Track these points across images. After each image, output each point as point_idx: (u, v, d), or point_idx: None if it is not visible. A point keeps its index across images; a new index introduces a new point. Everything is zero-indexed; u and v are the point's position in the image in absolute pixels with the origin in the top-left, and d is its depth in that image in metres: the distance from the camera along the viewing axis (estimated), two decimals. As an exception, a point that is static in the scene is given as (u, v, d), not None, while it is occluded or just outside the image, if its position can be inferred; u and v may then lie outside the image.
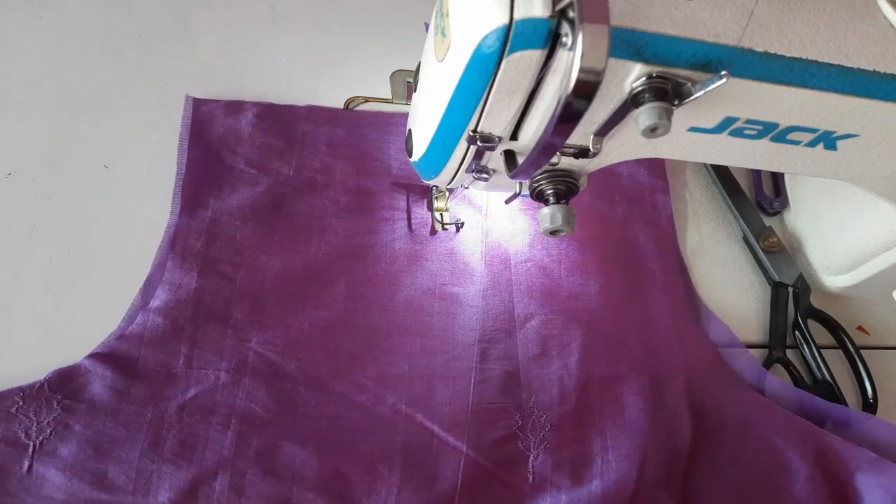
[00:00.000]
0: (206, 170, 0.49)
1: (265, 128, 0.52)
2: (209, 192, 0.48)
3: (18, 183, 0.48)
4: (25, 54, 0.53)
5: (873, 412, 0.51)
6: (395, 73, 0.57)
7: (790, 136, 0.36)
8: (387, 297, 0.48)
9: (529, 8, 0.28)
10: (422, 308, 0.48)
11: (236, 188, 0.49)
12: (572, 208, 0.39)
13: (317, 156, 0.52)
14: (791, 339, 0.54)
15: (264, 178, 0.50)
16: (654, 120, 0.30)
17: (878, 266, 0.50)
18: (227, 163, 0.50)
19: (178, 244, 0.46)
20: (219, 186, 0.49)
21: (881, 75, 0.33)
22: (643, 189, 0.56)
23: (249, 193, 0.49)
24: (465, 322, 0.47)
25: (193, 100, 0.52)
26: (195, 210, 0.48)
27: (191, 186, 0.48)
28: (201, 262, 0.46)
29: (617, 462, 0.43)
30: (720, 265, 0.56)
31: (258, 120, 0.52)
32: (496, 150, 0.37)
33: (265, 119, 0.52)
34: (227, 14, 0.58)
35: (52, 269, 0.46)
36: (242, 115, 0.52)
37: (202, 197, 0.48)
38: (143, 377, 0.42)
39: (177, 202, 0.48)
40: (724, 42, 0.30)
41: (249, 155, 0.50)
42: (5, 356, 0.43)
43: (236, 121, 0.51)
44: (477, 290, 0.49)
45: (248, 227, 0.48)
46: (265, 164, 0.50)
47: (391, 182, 0.52)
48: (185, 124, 0.51)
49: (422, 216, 0.52)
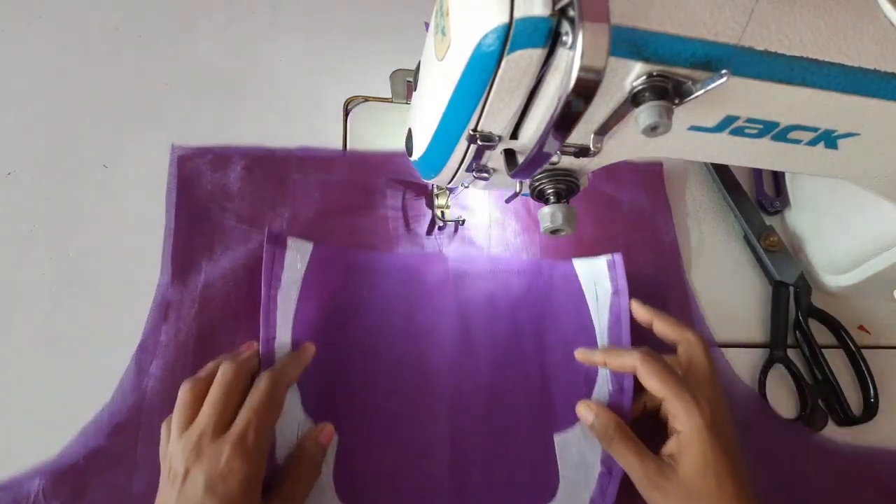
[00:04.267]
0: (196, 230, 0.48)
1: (255, 180, 0.50)
2: (200, 253, 0.47)
3: (18, 183, 0.48)
4: (25, 54, 0.53)
5: (874, 412, 0.51)
6: (395, 72, 0.57)
7: (791, 134, 0.36)
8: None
9: (529, 7, 0.28)
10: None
11: (228, 247, 0.47)
12: (573, 207, 0.39)
13: (310, 204, 0.50)
14: (792, 338, 0.54)
15: (256, 234, 0.48)
16: (654, 119, 0.30)
17: (879, 265, 0.50)
18: (218, 220, 0.48)
19: (172, 314, 0.44)
20: (210, 247, 0.47)
21: (881, 74, 0.33)
22: (644, 214, 0.56)
23: (243, 251, 0.47)
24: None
25: (179, 157, 0.50)
26: (187, 276, 0.46)
27: (180, 249, 0.47)
28: (196, 333, 0.44)
29: None
30: (721, 264, 0.56)
31: (247, 172, 0.50)
32: (496, 149, 0.37)
33: (254, 170, 0.50)
34: (227, 14, 0.58)
35: (52, 269, 0.46)
36: (230, 169, 0.50)
37: (193, 260, 0.46)
38: (144, 467, 0.40)
39: (167, 265, 0.46)
40: (725, 41, 0.30)
41: (240, 210, 0.49)
42: (5, 356, 0.43)
43: (224, 175, 0.50)
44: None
45: (242, 290, 0.46)
46: (257, 217, 0.49)
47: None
48: (171, 181, 0.49)
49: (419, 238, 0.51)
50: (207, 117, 0.53)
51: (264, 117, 0.54)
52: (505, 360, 0.47)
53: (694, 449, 0.38)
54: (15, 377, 0.42)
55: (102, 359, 0.43)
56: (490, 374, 0.46)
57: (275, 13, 0.59)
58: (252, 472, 0.35)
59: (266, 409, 0.37)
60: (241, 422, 0.36)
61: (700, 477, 0.38)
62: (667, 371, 0.40)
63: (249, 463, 0.35)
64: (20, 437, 0.41)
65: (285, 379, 0.40)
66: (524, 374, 0.47)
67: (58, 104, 0.52)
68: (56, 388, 0.42)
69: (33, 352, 0.43)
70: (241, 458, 0.35)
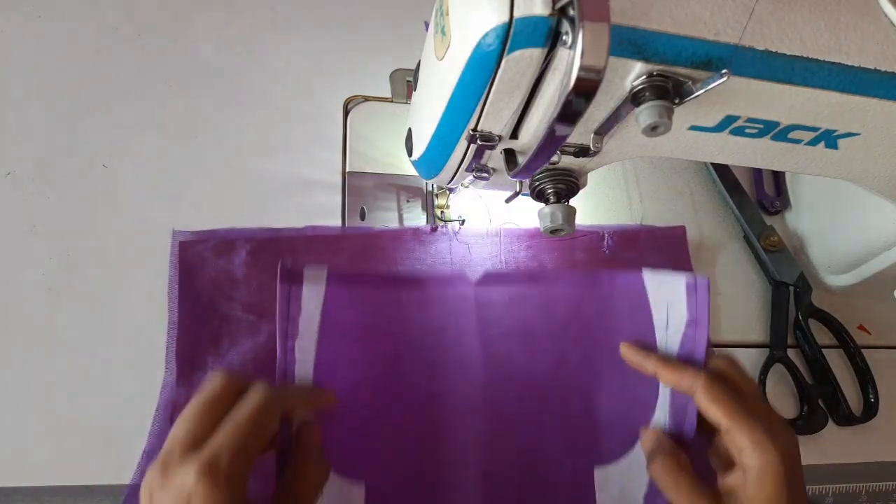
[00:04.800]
0: (201, 323, 0.44)
1: (261, 266, 0.46)
2: (206, 349, 0.44)
3: (18, 182, 0.48)
4: (25, 54, 0.53)
5: (874, 412, 0.51)
6: (395, 72, 0.57)
7: (791, 134, 0.36)
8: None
9: (529, 6, 0.28)
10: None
11: (236, 340, 0.44)
12: (573, 207, 0.39)
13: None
14: (792, 338, 0.54)
15: (265, 325, 0.45)
16: (654, 118, 0.30)
17: (879, 265, 0.50)
18: (224, 311, 0.45)
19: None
20: (216, 342, 0.44)
21: (882, 74, 0.33)
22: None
23: (251, 345, 0.44)
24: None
25: (180, 243, 0.47)
26: (193, 374, 0.43)
27: (185, 345, 0.43)
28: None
29: None
30: (721, 264, 0.56)
31: (252, 258, 0.47)
32: (496, 148, 0.37)
33: (260, 256, 0.47)
34: (227, 14, 0.58)
35: (52, 269, 0.46)
36: (235, 255, 0.47)
37: (199, 357, 0.43)
38: None
39: (171, 362, 0.43)
40: (725, 40, 0.30)
41: (247, 299, 0.45)
42: (5, 356, 0.43)
43: (229, 261, 0.46)
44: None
45: None
46: (265, 307, 0.45)
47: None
48: (173, 268, 0.46)
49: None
50: (207, 118, 0.53)
51: (264, 117, 0.54)
52: (544, 386, 0.43)
53: (766, 486, 0.33)
54: (14, 377, 0.42)
55: (102, 359, 0.43)
56: (526, 404, 0.43)
57: (274, 13, 0.59)
58: (223, 502, 0.28)
59: (249, 428, 0.30)
60: (216, 441, 0.30)
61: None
62: (734, 398, 0.35)
63: (219, 490, 0.28)
64: (20, 437, 0.41)
65: (281, 401, 0.33)
66: (566, 402, 0.43)
67: (58, 104, 0.52)
68: (55, 388, 0.42)
69: (33, 352, 0.43)
70: (211, 484, 0.28)
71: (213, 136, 0.52)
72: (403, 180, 0.53)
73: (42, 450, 0.41)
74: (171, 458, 0.29)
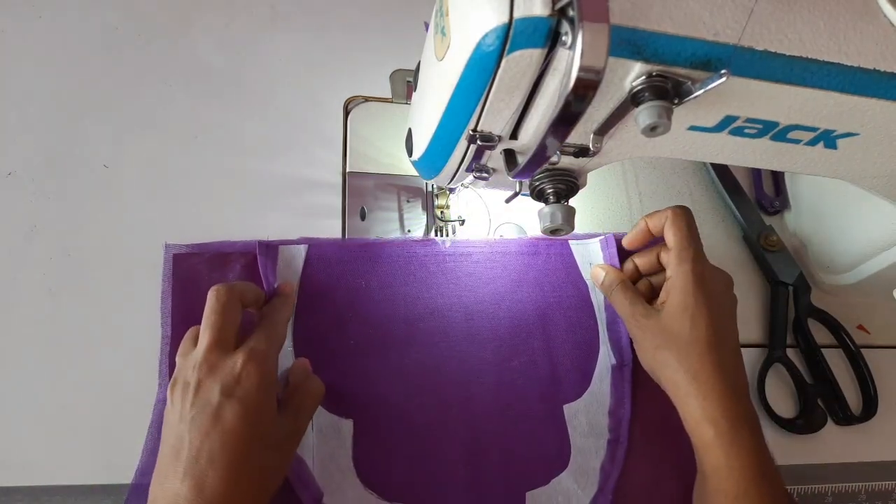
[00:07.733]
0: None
1: (256, 279, 0.45)
2: None
3: (18, 183, 0.48)
4: (25, 54, 0.53)
5: (873, 411, 0.51)
6: (395, 72, 0.57)
7: (790, 134, 0.36)
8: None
9: (529, 7, 0.28)
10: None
11: None
12: (572, 207, 0.39)
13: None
14: (791, 338, 0.54)
15: None
16: (653, 119, 0.30)
17: (879, 265, 0.50)
18: None
19: None
20: None
21: (881, 74, 0.33)
22: None
23: None
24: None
25: (174, 256, 0.46)
26: None
27: None
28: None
29: None
30: (720, 264, 0.56)
31: (248, 272, 0.46)
32: (496, 149, 0.37)
33: (254, 269, 0.46)
34: (227, 14, 0.58)
35: (52, 269, 0.46)
36: (229, 269, 0.46)
37: None
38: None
39: (164, 377, 0.43)
40: (724, 41, 0.30)
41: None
42: (5, 356, 0.43)
43: (223, 275, 0.46)
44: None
45: None
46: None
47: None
48: (166, 282, 0.45)
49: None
50: (208, 118, 0.53)
51: (265, 117, 0.54)
52: (510, 339, 0.48)
53: (677, 291, 0.41)
54: (14, 377, 0.42)
55: (102, 359, 0.43)
56: (497, 355, 0.47)
57: (274, 13, 0.59)
58: (266, 377, 0.36)
59: (280, 326, 0.40)
60: (253, 339, 0.38)
61: (677, 318, 0.40)
62: (689, 227, 0.42)
63: (263, 367, 0.36)
64: (19, 437, 0.41)
65: (283, 314, 0.42)
66: (530, 351, 0.48)
67: (58, 104, 0.52)
68: (55, 387, 0.42)
69: (33, 352, 0.43)
70: (255, 363, 0.36)
71: (214, 136, 0.52)
72: (403, 180, 0.54)
73: (41, 449, 0.41)
74: (211, 357, 0.36)
